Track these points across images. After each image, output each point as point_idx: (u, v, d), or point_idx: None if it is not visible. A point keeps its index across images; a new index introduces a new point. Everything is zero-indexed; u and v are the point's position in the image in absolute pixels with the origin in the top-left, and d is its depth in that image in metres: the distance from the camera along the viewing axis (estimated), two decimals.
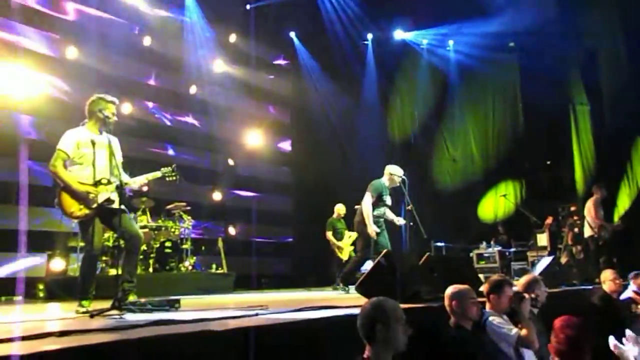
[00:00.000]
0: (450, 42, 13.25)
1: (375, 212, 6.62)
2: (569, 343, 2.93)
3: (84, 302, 4.18)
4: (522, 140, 12.06)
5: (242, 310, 3.70)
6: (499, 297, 3.89)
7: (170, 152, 10.83)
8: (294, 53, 13.11)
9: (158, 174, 4.61)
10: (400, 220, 6.83)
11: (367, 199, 6.58)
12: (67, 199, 4.23)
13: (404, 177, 6.77)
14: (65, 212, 4.27)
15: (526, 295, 4.17)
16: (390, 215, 6.86)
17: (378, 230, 6.53)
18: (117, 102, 4.49)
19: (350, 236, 8.67)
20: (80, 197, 4.18)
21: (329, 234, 8.77)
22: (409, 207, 6.68)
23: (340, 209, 8.97)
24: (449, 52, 13.26)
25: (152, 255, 8.04)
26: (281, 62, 13.44)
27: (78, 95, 8.85)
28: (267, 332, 2.80)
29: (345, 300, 4.63)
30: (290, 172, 13.18)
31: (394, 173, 6.75)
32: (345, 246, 8.72)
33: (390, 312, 2.62)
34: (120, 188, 4.21)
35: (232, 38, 12.06)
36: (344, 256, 8.64)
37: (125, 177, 4.46)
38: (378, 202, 6.64)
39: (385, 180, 6.79)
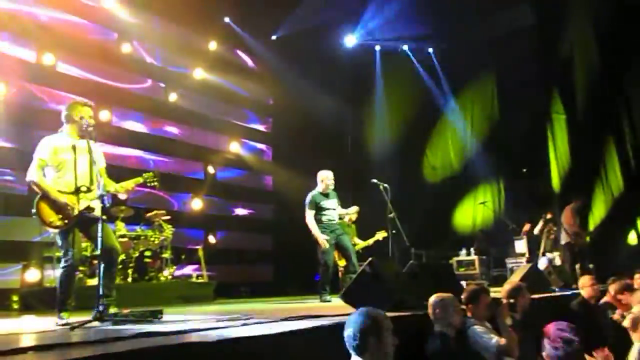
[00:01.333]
0: (430, 50, 13.45)
1: (324, 220, 6.80)
2: (566, 347, 2.95)
3: (64, 314, 4.08)
4: (499, 148, 12.24)
5: (226, 321, 3.65)
6: (477, 306, 3.94)
7: (149, 158, 10.69)
8: (273, 59, 13.12)
9: (140, 179, 4.54)
10: (350, 210, 7.12)
11: (307, 215, 6.81)
12: (45, 209, 4.14)
13: (385, 185, 6.84)
14: (44, 221, 4.17)
15: (503, 301, 4.22)
16: (341, 211, 7.08)
17: (327, 238, 6.69)
18: (92, 104, 4.42)
19: (355, 244, 8.39)
20: (59, 207, 4.10)
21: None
22: (391, 215, 6.74)
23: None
24: (429, 60, 13.46)
25: (131, 264, 7.91)
26: (260, 68, 13.41)
27: (54, 101, 8.75)
28: (255, 342, 2.77)
29: (330, 310, 4.61)
30: (270, 179, 13.14)
31: (324, 177, 6.97)
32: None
33: (381, 322, 2.61)
34: (102, 196, 4.14)
35: (212, 46, 12.02)
36: (342, 263, 8.20)
37: (113, 185, 4.37)
38: (320, 211, 6.83)
39: (319, 189, 6.97)
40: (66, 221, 4.11)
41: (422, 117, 13.18)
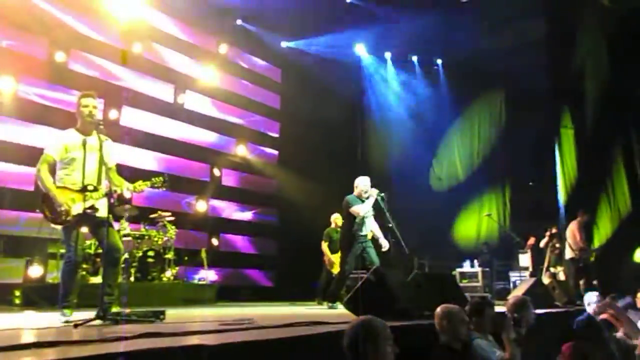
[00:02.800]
0: (439, 61, 13.46)
1: (363, 230, 6.63)
2: None
3: (66, 311, 4.07)
4: (506, 161, 12.20)
5: (230, 324, 3.63)
6: (481, 319, 3.90)
7: (156, 159, 10.71)
8: (283, 64, 13.16)
9: (147, 183, 4.53)
10: (384, 243, 6.75)
11: (349, 214, 6.65)
12: (50, 205, 4.14)
13: (382, 194, 6.73)
14: (47, 217, 4.18)
15: (508, 315, 4.18)
16: (377, 232, 6.83)
17: (366, 209, 6.53)
18: (93, 94, 4.37)
19: None
20: (55, 206, 4.08)
21: (325, 245, 8.36)
22: (390, 225, 6.67)
23: (337, 218, 8.39)
24: (437, 70, 13.47)
25: (134, 264, 7.91)
26: (271, 73, 13.45)
27: (65, 99, 8.79)
28: (259, 347, 2.74)
29: (334, 317, 4.59)
30: (275, 183, 13.14)
31: (357, 184, 6.81)
32: (337, 260, 8.14)
33: (379, 331, 2.59)
34: (109, 195, 4.13)
35: (223, 49, 12.08)
36: (335, 270, 8.12)
37: (124, 184, 4.36)
38: (355, 217, 6.63)
39: (355, 193, 6.81)
40: (70, 218, 4.09)
41: (428, 127, 13.17)
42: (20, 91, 8.56)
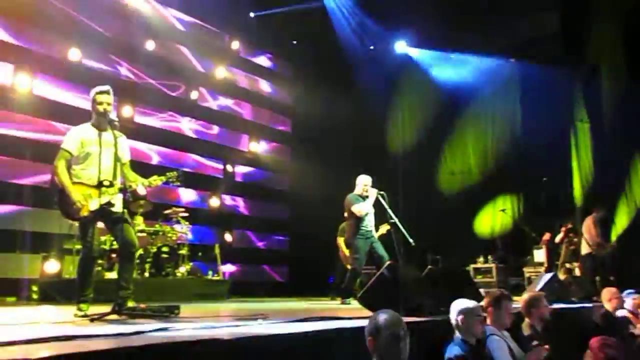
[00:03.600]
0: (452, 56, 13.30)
1: (362, 225, 6.73)
2: None
3: (82, 306, 4.11)
4: (521, 155, 12.06)
5: (244, 320, 3.64)
6: (498, 312, 3.87)
7: (167, 155, 10.77)
8: (296, 60, 13.14)
9: (163, 178, 4.55)
10: (382, 228, 7.00)
11: (351, 213, 6.73)
12: (66, 201, 4.18)
13: (382, 193, 6.76)
14: (63, 213, 4.22)
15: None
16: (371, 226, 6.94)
17: (366, 209, 6.69)
18: (108, 90, 4.37)
19: None
20: (71, 202, 4.11)
21: (341, 240, 8.32)
22: (392, 221, 6.66)
23: None
24: (451, 68, 13.31)
25: (148, 259, 7.97)
26: (283, 69, 13.44)
27: (78, 96, 8.86)
28: (273, 342, 2.75)
29: (348, 312, 4.58)
30: (288, 179, 13.16)
31: (359, 183, 6.90)
32: None
33: (396, 326, 2.62)
34: (124, 191, 4.15)
35: (235, 45, 12.09)
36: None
37: (138, 179, 4.39)
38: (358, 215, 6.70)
39: (357, 192, 6.89)
40: (86, 214, 4.12)
41: (442, 121, 13.04)
42: (35, 89, 8.65)
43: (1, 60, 8.29)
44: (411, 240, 6.58)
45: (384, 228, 8.23)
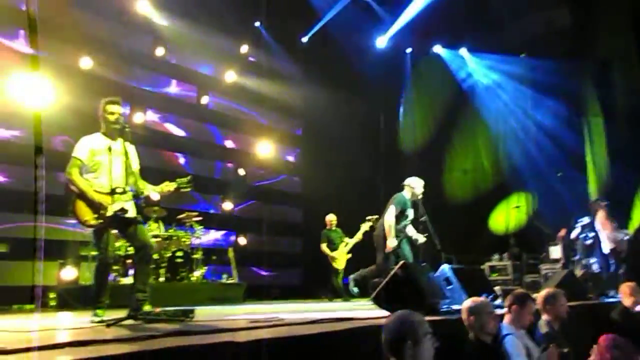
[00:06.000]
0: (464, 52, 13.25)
1: (397, 227, 6.52)
2: None
3: (99, 312, 4.15)
4: (534, 151, 11.95)
5: (258, 322, 3.65)
6: (521, 311, 3.81)
7: (182, 160, 10.86)
8: (305, 63, 13.14)
9: (174, 184, 4.58)
10: (420, 238, 6.69)
11: (391, 212, 6.46)
12: (82, 207, 4.22)
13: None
14: (80, 220, 4.26)
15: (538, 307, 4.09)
16: (411, 231, 6.73)
17: (396, 243, 6.41)
18: (119, 100, 4.42)
19: (346, 244, 8.94)
20: (95, 206, 4.17)
21: (323, 246, 9.07)
22: (423, 219, 6.62)
23: (331, 218, 9.23)
24: (467, 68, 13.27)
25: (163, 264, 8.02)
26: (291, 71, 13.45)
27: (91, 105, 8.93)
28: (288, 344, 2.75)
29: (361, 313, 4.57)
30: (300, 182, 13.16)
31: (414, 186, 6.67)
32: (340, 255, 8.97)
33: (419, 327, 2.53)
34: (136, 197, 4.19)
35: (244, 49, 12.13)
36: (339, 265, 8.95)
37: (148, 187, 4.43)
38: (401, 216, 6.52)
39: (406, 194, 6.68)
40: (101, 221, 4.18)
41: (453, 119, 12.98)
42: None
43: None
44: (437, 242, 6.54)
45: (366, 225, 8.29)
